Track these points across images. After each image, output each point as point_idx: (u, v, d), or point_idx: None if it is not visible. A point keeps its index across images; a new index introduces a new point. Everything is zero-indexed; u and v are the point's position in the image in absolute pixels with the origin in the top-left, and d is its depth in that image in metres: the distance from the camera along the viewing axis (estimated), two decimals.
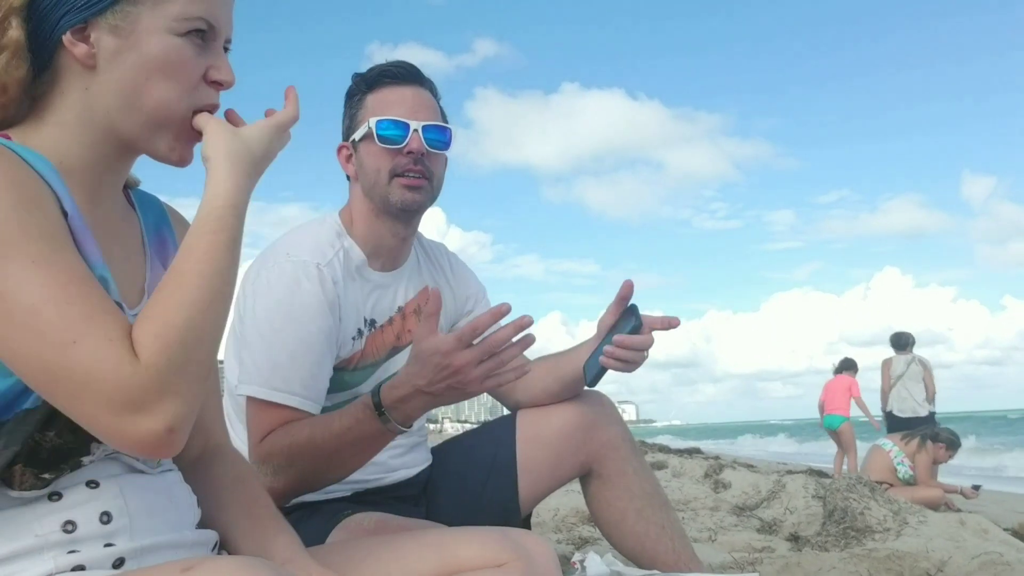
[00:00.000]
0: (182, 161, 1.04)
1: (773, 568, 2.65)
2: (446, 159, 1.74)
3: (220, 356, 1.77)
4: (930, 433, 6.53)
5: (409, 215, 1.70)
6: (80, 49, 0.96)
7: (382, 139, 1.66)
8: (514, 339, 1.35)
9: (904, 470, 6.37)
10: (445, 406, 1.50)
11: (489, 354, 1.36)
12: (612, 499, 1.81)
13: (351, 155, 1.73)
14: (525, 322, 1.34)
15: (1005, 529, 3.59)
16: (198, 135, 1.01)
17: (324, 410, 1.63)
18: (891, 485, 5.98)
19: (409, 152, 1.64)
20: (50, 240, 0.85)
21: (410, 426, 1.50)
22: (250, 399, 1.60)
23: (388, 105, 1.67)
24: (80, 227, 0.93)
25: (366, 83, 1.72)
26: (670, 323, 1.63)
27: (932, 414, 8.63)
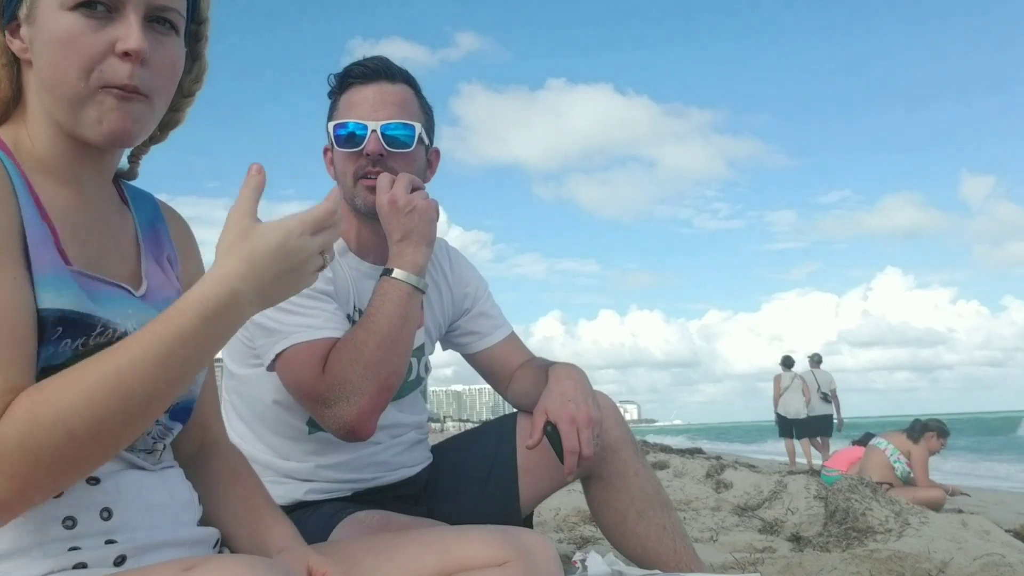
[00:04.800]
0: (120, 132, 0.95)
1: (774, 568, 2.65)
2: (419, 156, 1.69)
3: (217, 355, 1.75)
4: (919, 426, 6.55)
5: (377, 217, 1.66)
6: (16, 45, 0.97)
7: (339, 143, 1.65)
8: None
9: (901, 467, 6.38)
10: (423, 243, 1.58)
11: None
12: (613, 501, 1.81)
13: (332, 158, 1.73)
14: None
15: (1007, 530, 3.59)
16: (126, 100, 0.94)
17: None
18: (891, 485, 5.97)
19: (367, 154, 1.63)
20: None
21: (423, 274, 1.58)
22: (283, 356, 1.55)
23: (350, 107, 1.66)
24: (40, 235, 0.91)
25: (338, 86, 1.70)
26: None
27: (827, 416, 11.80)
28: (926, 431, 6.47)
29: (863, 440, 7.86)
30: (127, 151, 1.11)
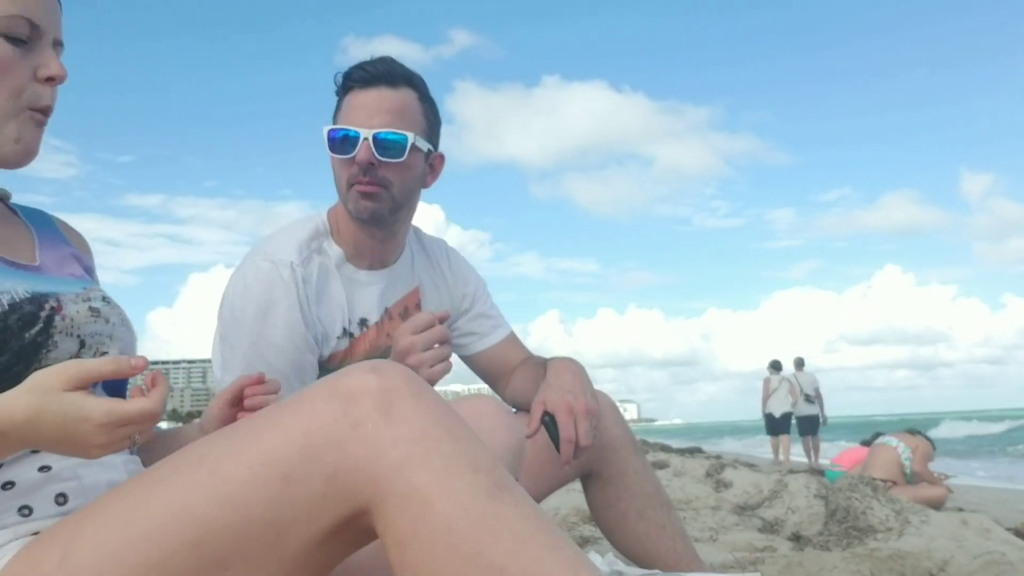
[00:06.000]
0: (33, 151, 1.02)
1: (775, 568, 2.64)
2: (414, 165, 1.64)
3: (208, 356, 1.76)
4: (917, 431, 6.68)
5: (370, 223, 1.64)
6: None
7: (333, 148, 1.62)
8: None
9: (911, 465, 6.39)
10: None
11: (426, 345, 1.51)
12: (613, 500, 1.80)
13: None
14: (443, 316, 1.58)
15: (1008, 529, 3.58)
16: (41, 124, 1.02)
17: None
18: (894, 483, 5.97)
19: (358, 163, 1.59)
20: None
21: None
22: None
23: (347, 112, 1.62)
24: None
25: (341, 87, 1.67)
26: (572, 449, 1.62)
27: (813, 416, 12.78)
28: (922, 437, 6.58)
29: (871, 441, 7.87)
30: None
